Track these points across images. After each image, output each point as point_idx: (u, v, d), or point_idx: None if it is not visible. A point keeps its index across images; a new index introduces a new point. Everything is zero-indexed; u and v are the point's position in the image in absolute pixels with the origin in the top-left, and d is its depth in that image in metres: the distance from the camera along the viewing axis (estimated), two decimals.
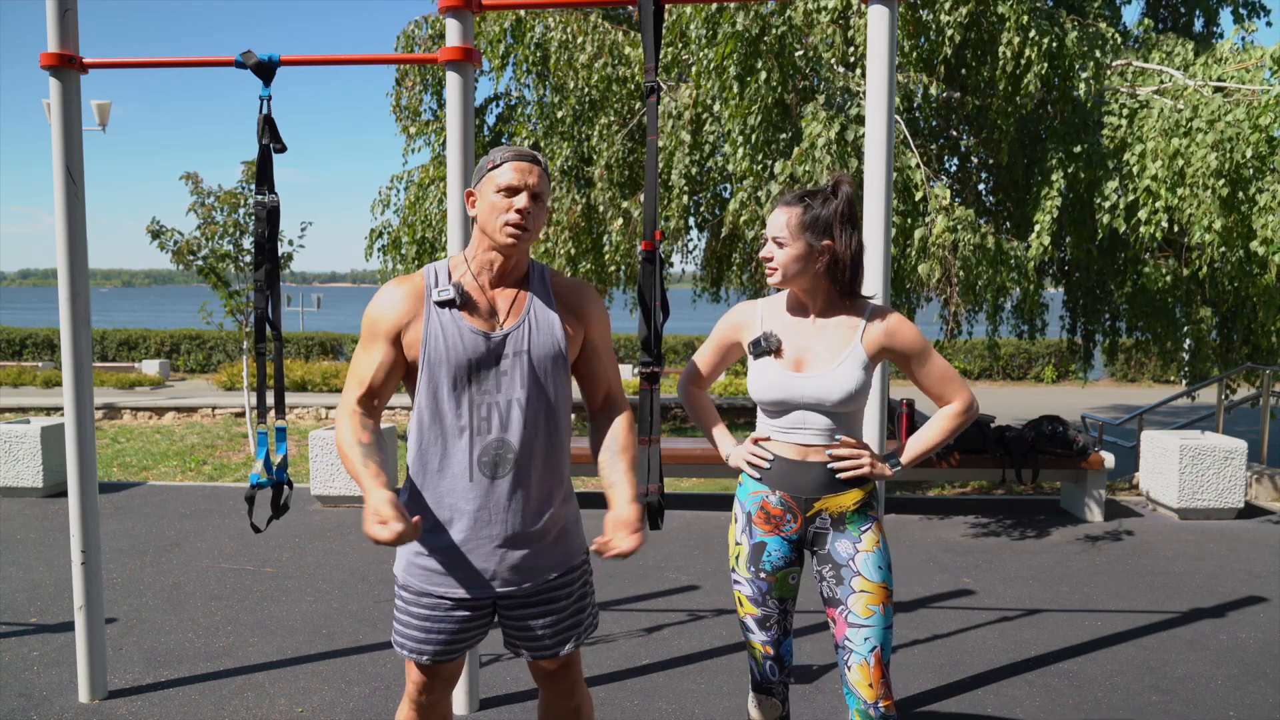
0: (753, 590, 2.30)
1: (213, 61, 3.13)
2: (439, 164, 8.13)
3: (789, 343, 2.24)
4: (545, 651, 2.08)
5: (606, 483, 2.04)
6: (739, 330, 2.34)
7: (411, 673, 2.09)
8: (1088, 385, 17.68)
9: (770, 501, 2.26)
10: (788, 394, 2.20)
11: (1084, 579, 4.84)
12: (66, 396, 3.18)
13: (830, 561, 2.24)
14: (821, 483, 2.23)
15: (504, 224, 1.92)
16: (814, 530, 2.26)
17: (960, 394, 2.28)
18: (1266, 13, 7.57)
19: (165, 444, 9.72)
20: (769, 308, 2.32)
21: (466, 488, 1.96)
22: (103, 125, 16.97)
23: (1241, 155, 5.37)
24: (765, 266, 2.22)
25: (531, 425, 1.97)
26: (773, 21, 5.67)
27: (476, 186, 1.99)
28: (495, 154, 1.96)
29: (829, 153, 5.47)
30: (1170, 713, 3.29)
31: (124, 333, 21.87)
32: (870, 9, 2.85)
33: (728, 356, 2.40)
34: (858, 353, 2.20)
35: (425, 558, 2.00)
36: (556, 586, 2.06)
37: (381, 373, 1.96)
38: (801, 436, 2.22)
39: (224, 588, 4.64)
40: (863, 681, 2.17)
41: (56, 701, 3.32)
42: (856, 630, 2.19)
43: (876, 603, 2.19)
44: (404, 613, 2.05)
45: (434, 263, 2.05)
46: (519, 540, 1.99)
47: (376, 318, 1.96)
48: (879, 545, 2.24)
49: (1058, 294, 8.25)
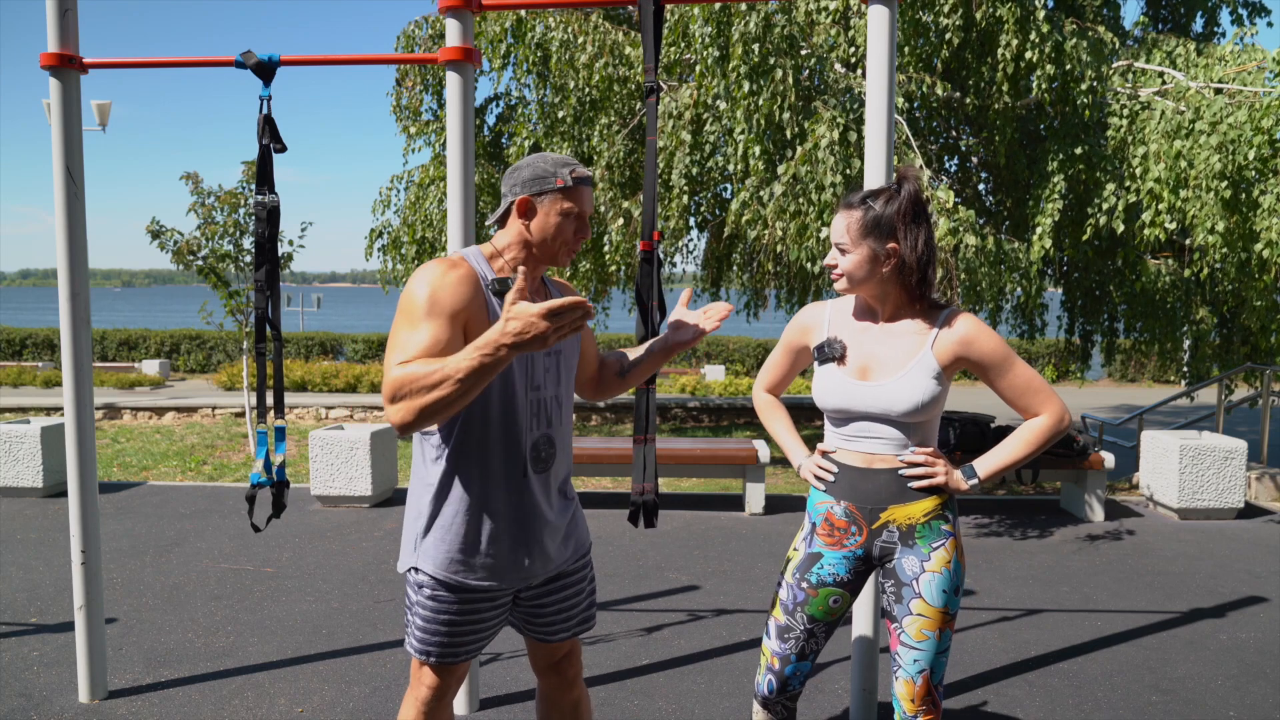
0: (788, 595, 2.21)
1: (213, 61, 3.13)
2: (439, 164, 8.13)
3: (854, 349, 2.14)
4: (564, 634, 2.14)
5: (645, 356, 2.21)
6: (806, 333, 2.26)
7: (425, 676, 2.04)
8: (1085, 385, 17.68)
9: (835, 512, 2.18)
10: (850, 403, 2.12)
11: (1084, 579, 4.84)
12: (66, 396, 3.18)
13: (894, 577, 2.14)
14: (889, 491, 2.12)
15: (567, 249, 1.97)
16: (881, 545, 2.14)
17: (1049, 406, 2.11)
18: (1267, 13, 7.56)
19: (165, 444, 9.72)
20: (836, 310, 2.24)
21: (519, 483, 1.97)
22: (103, 125, 16.97)
23: (1244, 157, 5.37)
24: (830, 274, 2.14)
25: (564, 421, 2.05)
26: (775, 20, 5.67)
27: (536, 197, 1.92)
28: (563, 170, 1.92)
29: (832, 154, 5.47)
30: (1170, 713, 3.29)
31: (124, 333, 21.87)
32: (870, 9, 2.85)
33: (798, 361, 2.31)
34: (928, 361, 2.08)
35: (473, 552, 1.96)
36: (572, 572, 2.13)
37: (437, 352, 1.78)
38: (867, 445, 2.13)
39: (224, 588, 4.64)
40: (905, 695, 2.12)
41: (56, 701, 3.32)
42: (908, 651, 2.11)
43: (932, 628, 2.09)
44: (433, 617, 1.98)
45: (465, 249, 2.00)
46: (553, 530, 2.05)
47: (438, 297, 1.81)
48: (949, 566, 2.10)
49: (1057, 294, 8.26)
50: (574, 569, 2.13)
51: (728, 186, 7.74)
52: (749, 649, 3.86)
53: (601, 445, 6.52)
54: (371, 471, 6.33)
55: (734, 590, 4.63)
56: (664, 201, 6.91)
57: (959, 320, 2.10)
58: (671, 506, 6.44)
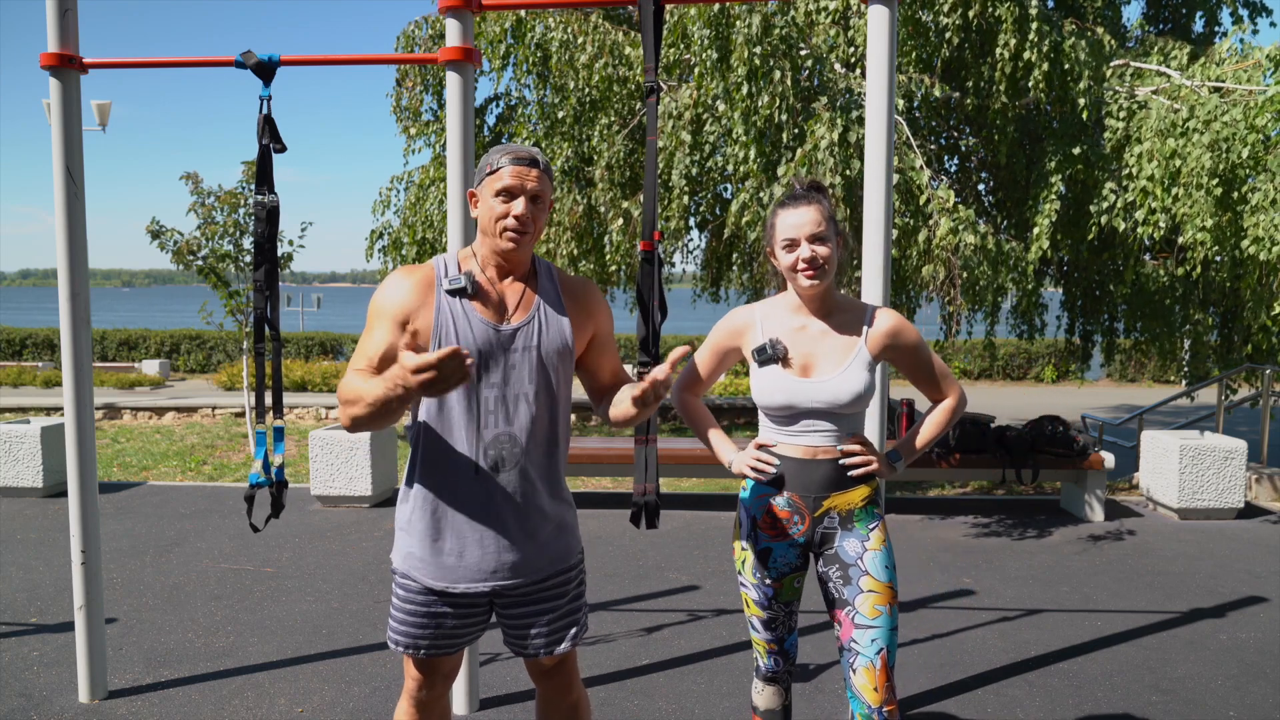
0: (759, 595, 2.31)
1: (213, 61, 3.13)
2: (439, 164, 8.13)
3: (794, 348, 2.21)
4: (542, 650, 2.08)
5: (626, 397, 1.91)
6: (738, 336, 2.31)
7: (409, 669, 2.09)
8: (1084, 385, 17.68)
9: (777, 504, 2.25)
10: (797, 400, 2.19)
11: (1084, 579, 4.84)
12: (66, 396, 3.19)
13: (837, 561, 2.23)
14: (830, 480, 2.22)
15: (503, 229, 1.93)
16: (822, 531, 2.25)
17: (954, 389, 2.34)
18: (1268, 13, 7.56)
19: (165, 444, 9.71)
20: (766, 311, 2.29)
21: (471, 480, 1.96)
22: (103, 125, 16.97)
23: (1238, 155, 5.37)
24: (805, 270, 2.14)
25: (536, 420, 1.98)
26: (775, 22, 5.67)
27: (477, 187, 1.99)
28: (494, 155, 1.96)
29: (832, 154, 5.47)
30: (1170, 713, 3.29)
31: (124, 333, 21.86)
32: (870, 9, 2.85)
33: (725, 361, 2.36)
34: (863, 354, 2.20)
35: (424, 550, 2.00)
36: (553, 585, 2.07)
37: (390, 354, 1.92)
38: (810, 439, 2.22)
39: (224, 588, 4.64)
40: (868, 685, 2.15)
41: (56, 701, 3.32)
42: (864, 632, 2.17)
43: (884, 603, 2.18)
44: (400, 608, 2.05)
45: (441, 255, 2.05)
46: (519, 535, 1.99)
47: (384, 303, 1.95)
48: (885, 544, 2.24)
49: (1057, 294, 8.25)
50: (556, 581, 2.07)
51: (728, 187, 7.74)
52: (749, 649, 3.86)
53: (601, 445, 6.52)
54: (371, 471, 6.33)
55: (734, 590, 4.63)
56: (664, 202, 6.91)
57: (886, 315, 2.26)
58: (672, 506, 6.44)
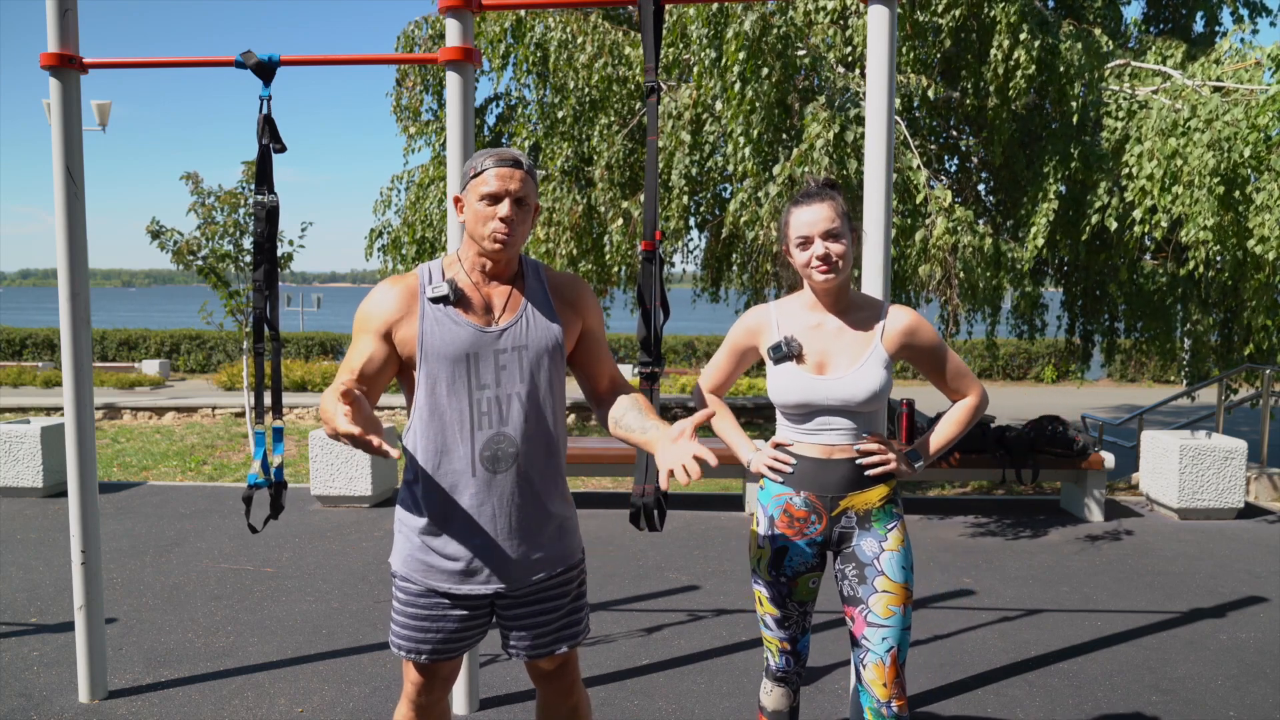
0: (773, 593, 2.30)
1: (213, 61, 3.13)
2: (439, 164, 8.13)
3: (809, 346, 2.22)
4: (542, 651, 2.08)
5: (638, 431, 1.97)
6: (754, 335, 2.32)
7: (409, 672, 2.08)
8: (1084, 385, 17.68)
9: (794, 503, 2.25)
10: (813, 397, 2.19)
11: (1084, 579, 4.84)
12: (66, 396, 3.19)
13: (854, 560, 2.23)
14: (848, 480, 2.22)
15: (489, 233, 1.94)
16: (839, 530, 2.25)
17: (975, 388, 2.32)
18: (1268, 13, 7.56)
19: (165, 444, 9.71)
20: (782, 310, 2.30)
21: (468, 482, 1.96)
22: (103, 125, 16.96)
23: (1239, 155, 5.37)
24: (819, 267, 2.14)
25: (531, 419, 1.98)
26: (774, 21, 5.67)
27: (462, 192, 1.99)
28: (478, 159, 1.96)
29: (827, 154, 5.47)
30: (1170, 713, 3.29)
31: (124, 333, 21.86)
32: (870, 9, 2.85)
33: (742, 362, 2.38)
34: (879, 352, 2.20)
35: (425, 553, 2.00)
36: (553, 585, 2.07)
37: (373, 365, 1.94)
38: (827, 437, 2.22)
39: (224, 588, 4.64)
40: (877, 681, 2.17)
41: (56, 701, 3.32)
42: (875, 630, 2.18)
43: (897, 604, 2.19)
44: (401, 612, 2.05)
45: (427, 263, 2.06)
46: (519, 536, 1.99)
47: (368, 314, 1.96)
48: (904, 545, 2.23)
49: (1057, 294, 8.25)
50: (557, 582, 2.07)
51: (727, 186, 7.74)
52: (749, 649, 3.86)
53: (601, 445, 6.52)
54: (371, 471, 6.33)
55: (734, 590, 4.63)
56: (664, 201, 6.91)
57: (902, 312, 2.24)
58: (671, 506, 6.45)
